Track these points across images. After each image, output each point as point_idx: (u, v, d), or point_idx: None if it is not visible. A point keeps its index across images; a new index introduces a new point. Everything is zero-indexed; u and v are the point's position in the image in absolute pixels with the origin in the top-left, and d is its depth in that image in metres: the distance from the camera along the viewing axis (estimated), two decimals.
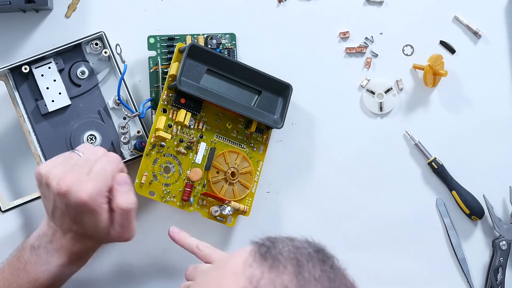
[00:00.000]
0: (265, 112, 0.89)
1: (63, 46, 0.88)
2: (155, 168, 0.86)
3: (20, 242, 0.83)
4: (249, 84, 0.89)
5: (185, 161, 0.88)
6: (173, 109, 0.87)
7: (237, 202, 0.89)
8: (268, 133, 0.91)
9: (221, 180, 0.88)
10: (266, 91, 0.90)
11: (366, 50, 0.95)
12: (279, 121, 0.89)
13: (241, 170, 0.89)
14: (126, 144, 0.89)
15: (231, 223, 0.90)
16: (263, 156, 0.91)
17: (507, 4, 0.96)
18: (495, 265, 0.94)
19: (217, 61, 0.87)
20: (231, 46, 0.93)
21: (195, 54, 0.86)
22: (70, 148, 0.88)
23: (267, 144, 0.91)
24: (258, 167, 0.91)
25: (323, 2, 0.95)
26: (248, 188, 0.90)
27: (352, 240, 0.94)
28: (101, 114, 0.90)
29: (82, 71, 0.90)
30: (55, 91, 0.89)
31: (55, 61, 0.89)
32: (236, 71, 0.88)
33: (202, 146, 0.88)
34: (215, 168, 0.88)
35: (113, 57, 0.89)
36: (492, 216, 0.94)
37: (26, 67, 0.88)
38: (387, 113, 0.95)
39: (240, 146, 0.90)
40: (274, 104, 0.90)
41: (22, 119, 0.89)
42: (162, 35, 0.92)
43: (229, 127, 0.89)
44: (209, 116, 0.88)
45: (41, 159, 0.88)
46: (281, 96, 0.90)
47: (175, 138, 0.87)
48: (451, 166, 0.95)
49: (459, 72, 0.96)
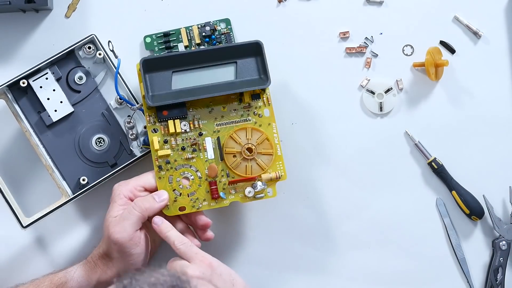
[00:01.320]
0: (248, 78, 0.87)
1: (56, 55, 0.88)
2: (173, 185, 0.85)
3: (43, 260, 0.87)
4: (221, 62, 0.87)
5: (199, 163, 0.86)
6: (162, 125, 0.85)
7: (267, 172, 0.87)
8: (266, 94, 0.88)
9: (241, 162, 0.86)
10: (240, 59, 0.87)
11: (366, 50, 0.95)
12: (265, 79, 0.86)
13: (256, 142, 0.87)
14: (135, 141, 0.89)
15: (272, 194, 0.88)
16: (273, 117, 0.88)
17: (507, 4, 0.96)
18: (495, 265, 0.94)
19: (178, 60, 0.86)
20: (227, 30, 0.93)
21: (152, 67, 0.84)
22: (81, 155, 0.89)
23: (270, 104, 0.88)
24: (272, 129, 0.88)
25: (323, 2, 0.95)
26: (271, 155, 0.87)
27: (352, 240, 0.94)
28: (105, 116, 0.90)
29: (79, 77, 0.90)
30: (56, 101, 0.89)
31: (51, 71, 0.89)
32: (202, 58, 0.86)
33: (208, 141, 0.87)
34: (230, 154, 0.87)
35: (107, 57, 0.89)
36: (492, 216, 0.94)
37: (24, 81, 0.88)
38: (387, 113, 0.95)
39: (245, 121, 0.87)
40: (253, 66, 0.87)
41: (28, 134, 0.89)
42: (157, 33, 0.92)
43: (224, 109, 0.87)
44: (200, 110, 0.87)
45: (54, 169, 0.89)
46: (256, 56, 0.87)
47: (177, 149, 0.86)
48: (451, 166, 0.95)
49: (459, 72, 0.96)
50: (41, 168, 0.90)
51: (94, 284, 0.85)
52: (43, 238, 0.92)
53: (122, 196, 0.83)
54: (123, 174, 0.89)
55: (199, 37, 0.92)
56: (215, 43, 0.93)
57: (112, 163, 0.90)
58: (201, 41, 0.93)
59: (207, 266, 0.78)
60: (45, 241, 0.92)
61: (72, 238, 0.92)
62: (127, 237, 0.81)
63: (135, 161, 0.89)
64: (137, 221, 0.81)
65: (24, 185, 0.92)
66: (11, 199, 0.87)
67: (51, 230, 0.92)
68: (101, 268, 0.85)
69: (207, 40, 0.93)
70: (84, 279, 0.85)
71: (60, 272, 0.86)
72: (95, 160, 0.90)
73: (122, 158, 0.90)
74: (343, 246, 0.94)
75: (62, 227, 0.92)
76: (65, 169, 0.89)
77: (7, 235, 0.91)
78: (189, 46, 0.93)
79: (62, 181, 0.89)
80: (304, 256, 0.94)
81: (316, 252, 0.94)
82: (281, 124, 0.91)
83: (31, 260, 0.92)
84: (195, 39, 0.92)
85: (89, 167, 0.90)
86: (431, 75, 0.92)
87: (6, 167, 0.92)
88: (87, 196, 0.89)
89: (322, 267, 0.94)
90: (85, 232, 0.93)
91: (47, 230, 0.92)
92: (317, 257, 0.94)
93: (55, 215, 0.89)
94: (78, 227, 0.93)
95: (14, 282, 0.88)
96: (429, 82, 0.95)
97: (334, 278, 0.94)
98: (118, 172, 0.88)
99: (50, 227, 0.92)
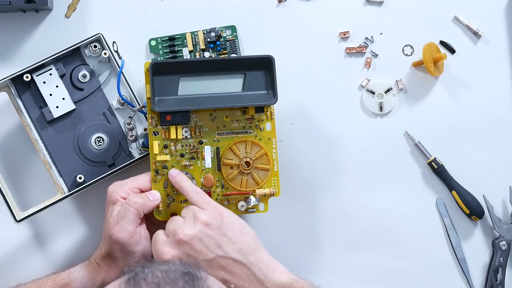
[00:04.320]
0: (255, 92, 0.86)
1: (62, 52, 0.88)
2: (168, 190, 0.85)
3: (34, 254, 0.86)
4: (230, 72, 0.86)
5: (195, 171, 0.86)
6: (163, 128, 0.85)
7: (262, 188, 0.87)
8: (270, 108, 0.88)
9: (237, 174, 0.86)
10: (249, 71, 0.86)
11: (366, 50, 0.95)
12: (272, 95, 0.86)
13: (255, 156, 0.87)
14: (134, 142, 0.89)
15: (264, 210, 0.88)
16: (274, 132, 0.87)
17: (507, 4, 0.96)
18: (495, 265, 0.94)
19: (187, 67, 0.85)
20: (232, 37, 0.93)
21: (161, 70, 0.83)
22: (79, 152, 0.89)
23: (273, 118, 0.88)
24: (272, 145, 0.88)
25: (323, 2, 0.95)
26: (268, 170, 0.87)
27: (352, 240, 0.94)
28: (106, 116, 0.90)
29: (83, 75, 0.90)
30: (59, 97, 0.89)
31: (55, 67, 0.89)
32: (211, 67, 0.85)
33: (207, 149, 0.86)
34: (227, 165, 0.87)
35: (112, 57, 0.89)
36: (492, 216, 0.94)
37: (28, 76, 0.88)
38: (387, 113, 0.95)
39: (246, 133, 0.87)
40: (262, 80, 0.86)
41: (29, 128, 0.89)
42: (162, 37, 0.92)
43: (227, 119, 0.87)
44: (203, 118, 0.86)
45: (51, 165, 0.88)
46: (265, 70, 0.86)
47: (176, 155, 0.85)
48: (451, 166, 0.95)
49: (459, 72, 0.96)
50: (39, 164, 0.90)
51: (99, 285, 0.85)
52: (39, 235, 0.92)
53: (119, 197, 0.83)
54: (119, 174, 0.88)
55: (204, 43, 0.92)
56: (219, 50, 0.93)
57: (110, 163, 0.90)
58: (206, 47, 0.93)
59: (218, 215, 0.79)
60: (41, 238, 0.92)
61: (69, 236, 0.92)
62: (128, 236, 0.81)
63: (133, 162, 0.89)
64: (135, 218, 0.82)
65: (21, 180, 0.92)
66: (7, 192, 0.87)
67: (47, 228, 0.92)
68: (105, 269, 0.85)
69: (212, 46, 0.93)
70: (88, 279, 0.85)
71: (63, 273, 0.86)
72: (93, 159, 0.90)
73: (120, 159, 0.90)
74: (343, 246, 0.94)
75: (58, 225, 0.92)
76: (62, 166, 0.89)
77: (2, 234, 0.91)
78: (193, 51, 0.92)
79: (58, 177, 0.89)
80: (304, 256, 0.94)
81: (316, 252, 0.94)
82: (281, 124, 0.91)
83: (26, 257, 0.92)
84: (200, 45, 0.92)
85: (87, 166, 0.90)
86: (431, 70, 0.92)
87: (3, 161, 0.92)
88: (84, 195, 0.89)
89: (322, 267, 0.94)
90: (82, 230, 0.93)
91: (43, 228, 0.92)
92: (317, 257, 0.94)
93: (51, 212, 0.89)
94: (75, 225, 0.92)
95: (10, 280, 0.88)
96: (429, 82, 0.95)
97: (334, 278, 0.94)
98: (116, 172, 0.88)
99: (45, 224, 0.92)
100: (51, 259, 0.92)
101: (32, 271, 0.90)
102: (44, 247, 0.92)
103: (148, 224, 0.85)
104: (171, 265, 0.65)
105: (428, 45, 0.93)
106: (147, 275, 0.63)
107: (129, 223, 0.81)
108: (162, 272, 0.63)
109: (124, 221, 0.81)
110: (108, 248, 0.84)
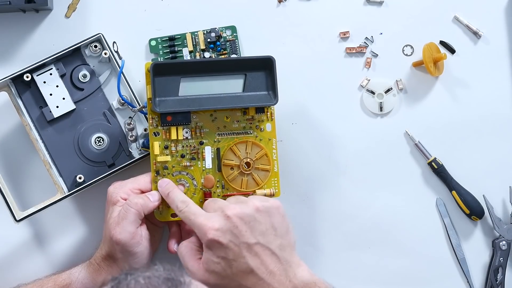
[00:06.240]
0: (256, 92, 0.86)
1: (62, 51, 0.88)
2: None
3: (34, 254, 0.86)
4: (231, 73, 0.86)
5: (196, 171, 0.86)
6: (164, 129, 0.85)
7: (263, 188, 0.87)
8: (270, 109, 0.88)
9: (237, 175, 0.87)
10: (249, 72, 0.86)
11: (366, 50, 0.95)
12: (273, 96, 0.86)
13: (255, 157, 0.87)
14: (134, 142, 0.89)
15: None
16: (274, 132, 0.88)
17: (507, 4, 0.96)
18: (495, 265, 0.94)
19: (188, 67, 0.85)
20: (233, 38, 0.93)
21: (162, 71, 0.83)
22: (79, 152, 0.89)
23: (273, 119, 0.88)
24: (272, 145, 0.88)
25: (323, 2, 0.95)
26: (268, 171, 0.87)
27: (352, 240, 0.94)
28: (106, 116, 0.90)
29: (83, 75, 0.90)
30: (59, 97, 0.89)
31: (56, 67, 0.89)
32: (212, 67, 0.85)
33: (207, 150, 0.86)
34: (228, 166, 0.87)
35: (112, 57, 0.89)
36: (492, 216, 0.94)
37: (28, 75, 0.88)
38: (387, 113, 0.95)
39: (247, 134, 0.87)
40: (262, 81, 0.86)
41: (29, 128, 0.89)
42: (163, 37, 0.92)
43: (227, 120, 0.87)
44: (203, 119, 0.86)
45: (51, 165, 0.88)
46: (266, 71, 0.86)
47: (176, 155, 0.85)
48: (451, 166, 0.95)
49: (459, 72, 0.96)
50: (39, 164, 0.90)
51: (100, 286, 0.85)
52: (39, 235, 0.92)
53: (119, 197, 0.83)
54: (119, 174, 0.88)
55: (204, 43, 0.92)
56: (219, 50, 0.93)
57: (110, 163, 0.90)
58: (206, 47, 0.93)
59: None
60: (41, 238, 0.92)
61: (69, 236, 0.92)
62: (128, 236, 0.81)
63: (132, 163, 0.89)
64: (136, 219, 0.82)
65: (21, 180, 0.92)
66: (7, 192, 0.87)
67: (47, 228, 0.92)
68: (105, 270, 0.85)
69: (212, 46, 0.93)
70: (89, 280, 0.85)
71: (63, 273, 0.86)
72: (93, 159, 0.90)
73: (120, 159, 0.90)
74: (343, 246, 0.94)
75: (58, 225, 0.92)
76: (62, 165, 0.89)
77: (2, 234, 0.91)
78: (193, 52, 0.92)
79: (58, 177, 0.89)
80: (304, 256, 0.94)
81: (316, 252, 0.94)
82: (281, 124, 0.91)
83: (26, 257, 0.92)
84: (200, 45, 0.92)
85: (87, 166, 0.90)
86: (431, 70, 0.92)
87: (3, 161, 0.91)
88: (84, 195, 0.90)
89: (322, 267, 0.94)
90: (82, 230, 0.93)
91: (42, 228, 0.92)
92: (317, 257, 0.94)
93: (51, 212, 0.89)
94: (75, 225, 0.92)
95: (10, 280, 0.88)
96: (429, 82, 0.95)
97: (334, 278, 0.94)
98: (115, 172, 0.88)
99: (45, 224, 0.92)
100: (51, 259, 0.92)
101: (32, 271, 0.90)
102: (44, 247, 0.92)
103: (149, 225, 0.85)
104: (154, 271, 0.64)
105: (428, 45, 0.93)
106: (130, 282, 0.63)
107: (129, 224, 0.81)
108: (145, 278, 0.63)
109: (125, 222, 0.81)
110: (109, 249, 0.84)
